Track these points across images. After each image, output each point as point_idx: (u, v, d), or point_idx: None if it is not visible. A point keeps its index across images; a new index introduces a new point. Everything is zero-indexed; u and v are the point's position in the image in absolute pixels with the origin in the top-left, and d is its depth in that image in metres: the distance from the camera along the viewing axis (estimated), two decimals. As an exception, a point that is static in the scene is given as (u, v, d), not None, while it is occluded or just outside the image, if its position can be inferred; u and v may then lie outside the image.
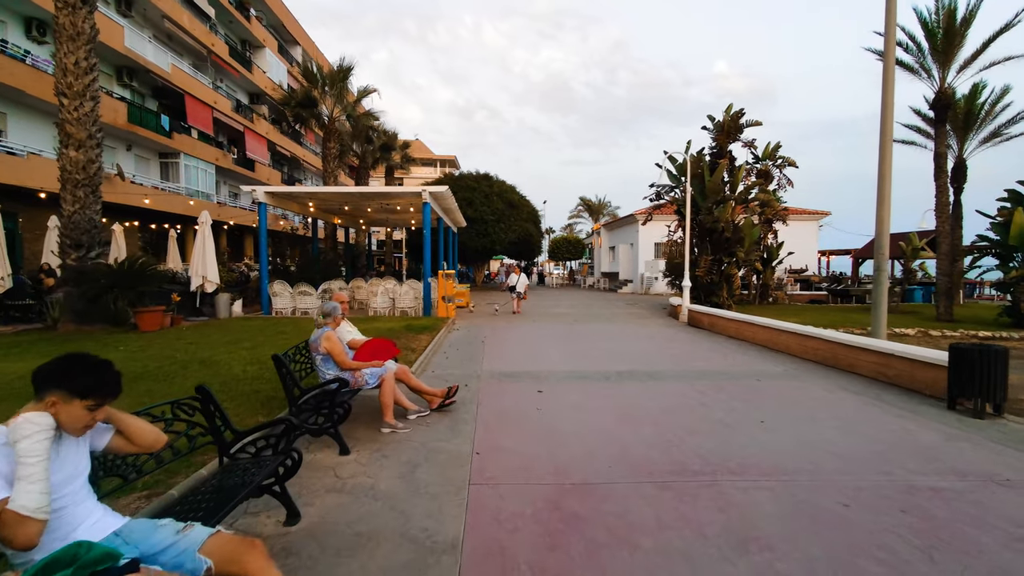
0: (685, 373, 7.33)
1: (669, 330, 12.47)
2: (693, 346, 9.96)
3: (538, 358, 8.55)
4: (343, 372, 4.66)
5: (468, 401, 5.74)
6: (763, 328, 9.70)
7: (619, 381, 6.83)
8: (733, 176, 17.55)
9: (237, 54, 29.01)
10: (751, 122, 17.62)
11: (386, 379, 4.75)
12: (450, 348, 9.47)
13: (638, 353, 9.08)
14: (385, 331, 10.27)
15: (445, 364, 7.96)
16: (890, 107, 7.81)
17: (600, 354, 8.93)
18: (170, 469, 3.38)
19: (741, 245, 17.07)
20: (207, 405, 2.96)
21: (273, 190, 14.22)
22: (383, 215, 20.63)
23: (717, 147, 18.13)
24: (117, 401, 1.98)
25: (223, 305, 12.88)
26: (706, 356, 8.80)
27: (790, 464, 3.91)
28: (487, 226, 27.98)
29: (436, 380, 6.79)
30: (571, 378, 6.99)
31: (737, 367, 7.81)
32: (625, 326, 13.22)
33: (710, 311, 12.53)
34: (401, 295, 14.24)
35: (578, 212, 61.77)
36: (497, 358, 8.53)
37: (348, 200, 15.50)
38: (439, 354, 8.81)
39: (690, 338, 11.09)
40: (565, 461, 3.99)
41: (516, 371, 7.43)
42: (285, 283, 14.54)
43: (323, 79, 22.26)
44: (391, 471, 3.79)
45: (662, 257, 28.62)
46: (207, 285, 12.43)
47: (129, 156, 21.78)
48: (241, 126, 28.81)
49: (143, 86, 22.54)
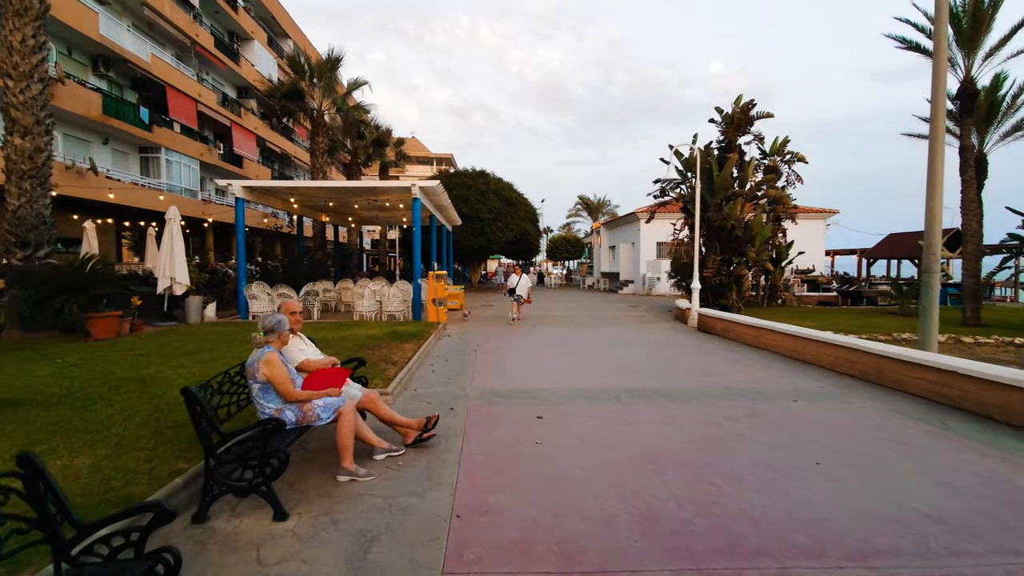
0: (707, 391, 6.32)
1: (678, 336, 11.47)
2: (708, 356, 8.95)
3: (537, 371, 7.53)
4: (288, 405, 3.63)
5: (452, 432, 4.72)
6: (788, 336, 8.70)
7: (631, 402, 5.81)
8: (743, 171, 16.55)
9: (223, 46, 27.91)
10: (762, 114, 16.63)
11: (344, 412, 3.72)
12: (438, 359, 8.44)
13: (649, 365, 8.07)
14: (366, 339, 9.24)
15: (430, 380, 6.93)
16: (941, 91, 6.86)
17: (606, 366, 7.91)
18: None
19: (752, 244, 16.07)
20: (34, 484, 1.93)
21: (252, 184, 13.17)
22: (373, 213, 19.58)
23: (725, 140, 17.14)
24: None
25: (194, 309, 11.82)
26: (726, 369, 7.79)
27: (880, 536, 2.90)
28: (483, 224, 26.95)
29: (417, 402, 5.77)
30: (575, 398, 5.98)
31: (765, 383, 6.80)
32: (630, 331, 12.22)
33: (724, 316, 11.53)
34: (389, 297, 13.21)
35: (576, 211, 60.78)
36: (490, 371, 7.51)
37: (333, 196, 14.45)
38: (424, 367, 7.78)
39: (703, 346, 10.09)
40: (574, 530, 2.97)
41: (511, 389, 6.41)
42: (265, 284, 13.50)
43: (311, 69, 21.20)
44: (336, 550, 2.77)
45: (665, 257, 27.67)
46: (175, 287, 11.38)
47: (106, 150, 20.67)
48: (228, 121, 27.70)
49: (121, 77, 21.43)
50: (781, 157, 19.65)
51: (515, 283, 14.01)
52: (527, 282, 14.07)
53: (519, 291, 13.89)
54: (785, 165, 19.70)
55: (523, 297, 13.94)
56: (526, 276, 14.05)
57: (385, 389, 5.68)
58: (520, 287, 13.92)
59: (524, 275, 14.06)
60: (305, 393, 3.65)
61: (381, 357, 7.58)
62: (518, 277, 14.07)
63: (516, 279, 14.05)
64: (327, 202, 15.43)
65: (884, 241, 23.64)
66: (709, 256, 16.36)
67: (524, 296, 13.96)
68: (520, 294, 13.87)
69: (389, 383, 6.01)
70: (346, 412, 3.71)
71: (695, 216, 16.54)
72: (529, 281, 14.07)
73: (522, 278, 14.00)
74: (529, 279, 14.10)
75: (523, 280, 14.01)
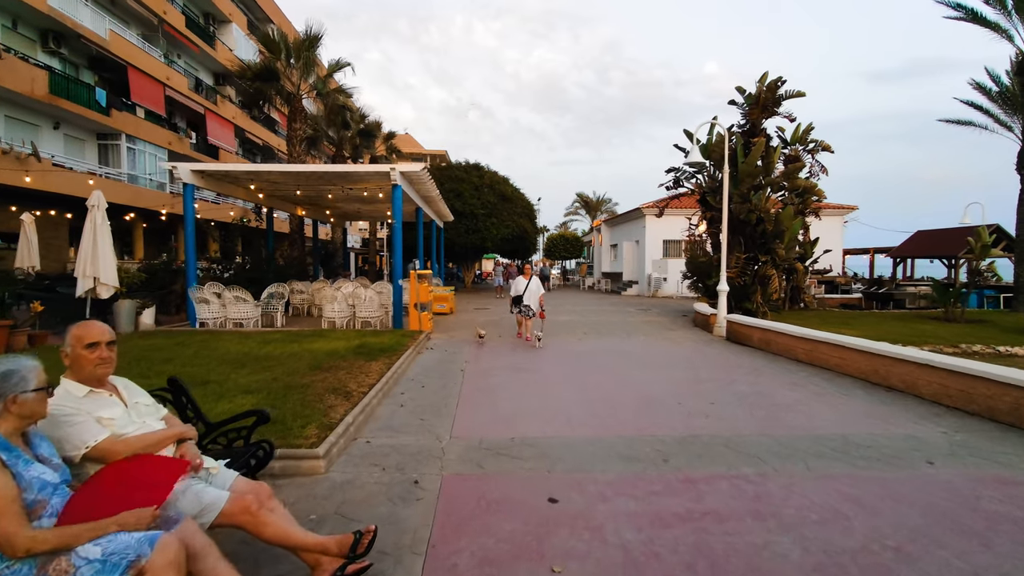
0: (791, 442, 4.39)
1: (710, 349, 9.55)
2: (759, 377, 7.04)
3: (543, 404, 5.59)
4: (11, 566, 1.66)
5: (409, 543, 2.77)
6: (862, 353, 6.79)
7: (689, 465, 3.88)
8: (768, 159, 14.67)
9: (197, 27, 25.85)
10: (791, 92, 14.73)
11: (159, 558, 1.75)
12: (412, 384, 6.48)
13: (691, 393, 6.13)
14: (323, 356, 7.27)
15: (394, 421, 4.97)
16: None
17: (636, 396, 5.98)
18: None
19: (780, 240, 14.21)
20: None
21: (202, 168, 11.17)
22: (354, 206, 17.59)
23: (749, 124, 15.26)
24: None
25: (125, 315, 9.81)
26: (793, 398, 5.88)
27: None
28: (477, 221, 25.00)
29: (363, 466, 3.81)
30: (604, 456, 4.04)
31: (862, 426, 4.88)
32: (649, 342, 10.30)
33: (762, 324, 9.63)
34: (364, 301, 11.22)
35: (575, 209, 58.87)
36: (479, 404, 5.56)
37: (301, 183, 12.47)
38: (392, 397, 5.82)
39: (744, 362, 8.18)
40: None
41: (508, 438, 4.46)
42: (219, 286, 11.51)
43: (287, 48, 19.15)
44: None
45: (672, 256, 25.81)
46: (100, 289, 9.37)
47: (57, 135, 18.60)
48: (202, 108, 25.64)
49: (76, 55, 19.35)
50: (804, 146, 17.77)
51: (521, 289, 10.15)
52: (538, 288, 9.99)
53: (527, 299, 10.01)
54: (808, 155, 17.87)
55: (532, 310, 9.93)
56: (537, 280, 10.11)
57: (314, 449, 3.72)
58: (528, 295, 9.99)
59: (534, 277, 10.13)
60: (57, 536, 1.68)
61: (331, 385, 5.61)
62: (526, 280, 10.11)
63: (523, 283, 10.14)
64: (295, 190, 13.44)
65: (912, 239, 21.85)
66: (732, 254, 14.46)
67: (534, 308, 9.94)
68: (528, 304, 9.98)
69: (328, 433, 4.05)
70: (168, 555, 1.74)
71: (721, 207, 14.65)
72: (541, 287, 10.07)
73: (531, 282, 10.03)
74: (542, 284, 10.23)
75: (533, 285, 9.99)
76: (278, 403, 4.82)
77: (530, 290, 9.99)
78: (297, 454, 3.64)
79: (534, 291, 9.97)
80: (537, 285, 9.98)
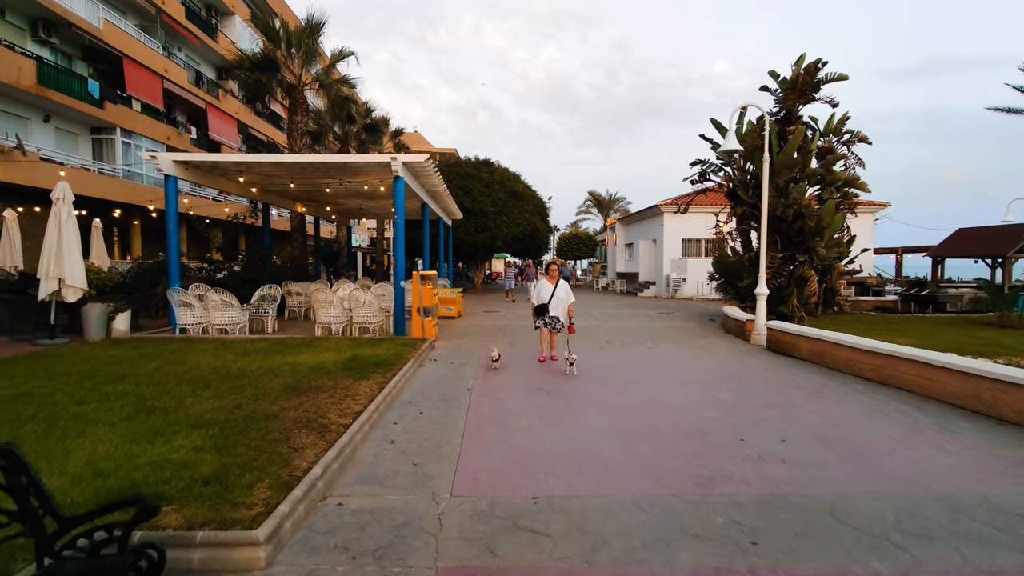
0: (915, 511, 3.19)
1: (752, 362, 8.33)
2: (823, 400, 5.83)
3: (568, 443, 4.43)
4: None
5: None
6: (958, 374, 5.54)
7: (792, 556, 2.70)
8: (806, 148, 13.37)
9: (198, 19, 24.99)
10: (833, 76, 13.40)
11: None
12: (407, 410, 5.36)
13: (750, 425, 4.94)
14: (307, 370, 6.19)
15: (378, 468, 3.85)
16: None
17: (682, 429, 4.80)
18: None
19: (820, 238, 12.92)
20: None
21: (185, 158, 10.16)
22: (356, 202, 16.55)
23: (783, 111, 13.96)
24: None
25: (94, 321, 8.81)
26: (886, 437, 4.66)
27: None
28: (487, 219, 23.89)
29: (337, 536, 2.67)
30: (660, 535, 2.88)
31: (1000, 483, 3.67)
32: (681, 352, 9.10)
33: (814, 333, 8.37)
34: (363, 305, 10.14)
35: (587, 208, 57.54)
36: (488, 442, 4.42)
37: (294, 175, 11.41)
38: (380, 430, 4.70)
39: (802, 381, 6.96)
40: None
41: (527, 501, 3.32)
42: (205, 287, 10.51)
43: (287, 36, 18.17)
44: None
45: (692, 256, 24.50)
46: (66, 291, 8.39)
47: (48, 129, 17.76)
48: (203, 102, 24.77)
49: (68, 45, 18.50)
50: (838, 137, 16.42)
51: (546, 296, 7.77)
52: (567, 295, 7.80)
53: (553, 309, 7.76)
54: (843, 146, 16.51)
55: (561, 322, 7.81)
56: (565, 285, 7.91)
57: (253, 532, 2.58)
58: (555, 303, 7.75)
59: (562, 281, 7.93)
60: None
61: (306, 415, 4.51)
62: (551, 285, 7.83)
63: (548, 289, 7.82)
64: (289, 183, 12.39)
65: (953, 237, 20.34)
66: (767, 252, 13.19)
67: (563, 320, 7.80)
68: (556, 315, 7.78)
69: (281, 498, 2.93)
70: None
71: (753, 201, 13.45)
72: (570, 293, 7.88)
73: (558, 287, 7.82)
74: (568, 286, 7.95)
75: (560, 291, 7.78)
76: (229, 444, 3.72)
77: (557, 297, 7.75)
78: (225, 539, 2.52)
79: (562, 299, 7.76)
80: (566, 291, 7.82)
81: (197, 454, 3.47)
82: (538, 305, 7.88)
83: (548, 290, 7.84)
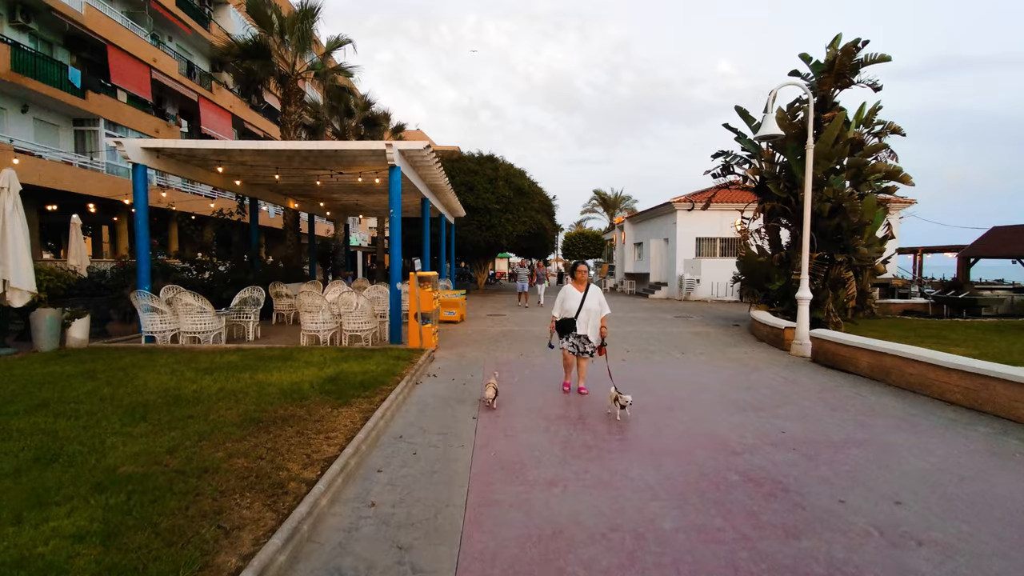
0: None
1: (803, 379, 7.16)
2: (917, 436, 4.68)
3: (607, 505, 3.28)
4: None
5: None
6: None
7: None
8: (843, 138, 12.18)
9: (190, 7, 23.94)
10: (874, 57, 12.16)
11: None
12: (398, 449, 4.23)
13: (841, 476, 3.78)
14: (277, 394, 5.06)
15: (349, 550, 2.71)
16: None
17: (752, 481, 3.65)
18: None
19: (860, 235, 11.76)
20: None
21: (156, 145, 9.06)
22: (352, 197, 15.45)
23: (818, 97, 12.76)
24: None
25: (46, 329, 7.69)
26: None
27: None
28: (491, 217, 22.76)
29: None
30: None
31: None
32: (716, 366, 7.94)
33: (874, 345, 7.18)
34: (354, 310, 9.01)
35: (592, 207, 56.31)
36: (501, 508, 3.28)
37: (280, 164, 10.29)
38: (357, 484, 3.56)
39: (876, 407, 5.81)
40: None
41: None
42: (180, 289, 9.41)
43: (280, 22, 17.09)
44: None
45: (706, 255, 23.32)
46: (11, 295, 7.30)
47: (25, 120, 16.72)
48: (195, 95, 23.73)
49: (48, 31, 17.47)
50: (869, 129, 15.21)
51: (573, 307, 5.82)
52: (600, 305, 5.86)
53: (582, 326, 5.82)
54: (874, 138, 15.31)
55: (592, 344, 5.83)
56: (597, 291, 5.89)
57: None
58: (584, 317, 5.81)
59: (592, 287, 5.90)
60: None
61: (257, 466, 3.38)
62: (579, 293, 5.85)
63: (576, 297, 5.84)
64: (275, 175, 11.28)
65: (987, 236, 19.12)
66: (797, 253, 12.02)
67: (594, 339, 5.83)
68: (584, 334, 5.82)
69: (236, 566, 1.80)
70: None
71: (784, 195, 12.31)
72: (604, 303, 5.90)
73: (588, 294, 5.82)
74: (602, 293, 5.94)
75: (591, 301, 5.82)
76: (131, 524, 2.59)
77: (587, 309, 5.79)
78: None
79: (594, 311, 5.81)
80: (599, 301, 5.84)
81: (74, 547, 2.35)
82: (561, 320, 5.90)
83: (576, 299, 5.81)
